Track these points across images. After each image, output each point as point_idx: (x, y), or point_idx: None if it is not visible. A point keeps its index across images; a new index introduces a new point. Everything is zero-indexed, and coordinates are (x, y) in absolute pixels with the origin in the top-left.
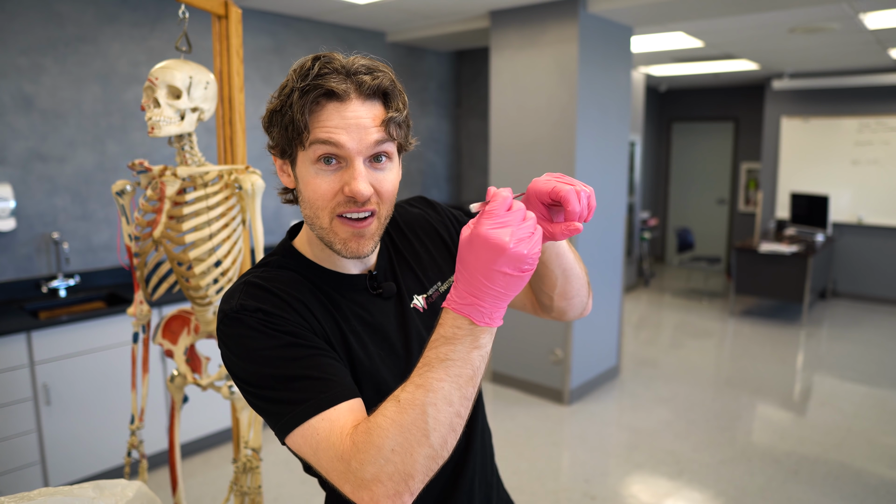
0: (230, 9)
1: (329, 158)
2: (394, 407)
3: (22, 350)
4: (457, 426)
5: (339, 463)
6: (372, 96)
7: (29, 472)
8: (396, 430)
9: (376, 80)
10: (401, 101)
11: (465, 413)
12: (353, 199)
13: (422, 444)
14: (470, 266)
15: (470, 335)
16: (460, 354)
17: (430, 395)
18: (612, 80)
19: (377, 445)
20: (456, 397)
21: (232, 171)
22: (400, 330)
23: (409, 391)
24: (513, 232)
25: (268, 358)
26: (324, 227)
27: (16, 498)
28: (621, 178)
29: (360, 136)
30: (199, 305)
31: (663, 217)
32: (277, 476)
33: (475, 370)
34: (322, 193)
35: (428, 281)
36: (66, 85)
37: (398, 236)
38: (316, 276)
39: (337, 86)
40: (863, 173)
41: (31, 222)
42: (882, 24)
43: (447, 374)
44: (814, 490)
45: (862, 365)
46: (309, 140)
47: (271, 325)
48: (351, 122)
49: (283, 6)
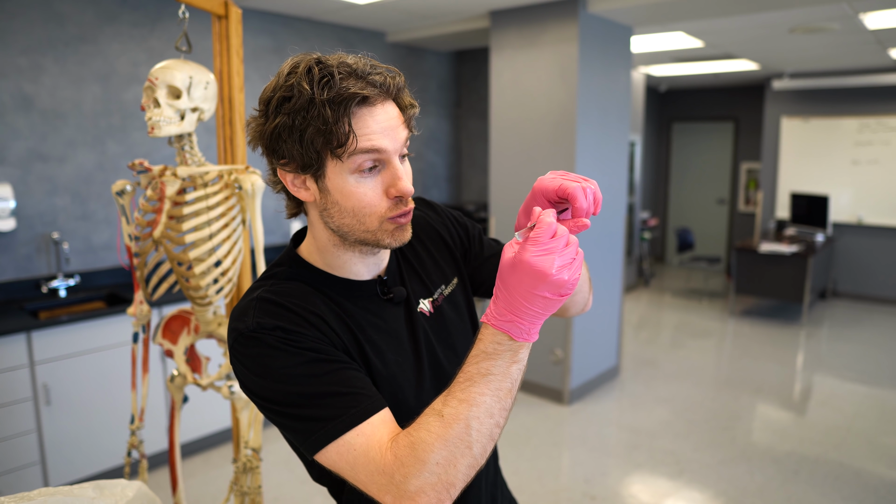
0: (230, 9)
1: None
2: (437, 422)
3: (22, 350)
4: (495, 435)
5: (380, 476)
6: (391, 95)
7: (29, 472)
8: (441, 444)
9: (394, 80)
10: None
11: (503, 422)
12: (401, 200)
13: (465, 455)
14: (511, 288)
15: (509, 350)
16: (501, 369)
17: (473, 409)
18: (612, 80)
19: (422, 460)
20: (496, 409)
21: (232, 171)
22: (410, 335)
23: (453, 406)
24: (556, 259)
25: (291, 376)
26: (370, 230)
27: (16, 498)
28: (621, 178)
29: (394, 136)
30: (199, 305)
31: (663, 217)
32: (277, 476)
33: (513, 382)
34: (369, 201)
35: (433, 284)
36: (66, 85)
37: None
38: (326, 286)
39: (365, 90)
40: (863, 173)
41: (31, 222)
42: (882, 24)
43: (489, 388)
44: (814, 490)
45: (862, 365)
46: (349, 151)
47: (292, 343)
48: (384, 124)
49: (283, 6)
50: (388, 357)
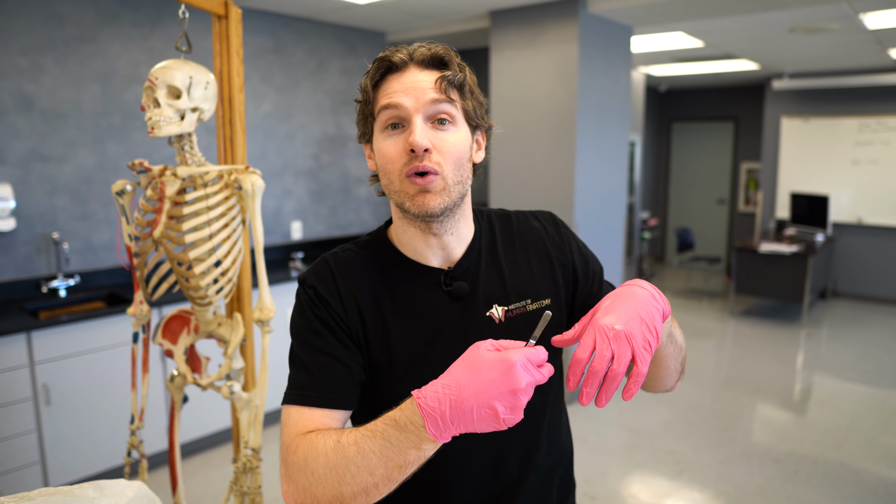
0: (230, 9)
1: (395, 124)
2: (333, 444)
3: (22, 350)
4: (372, 493)
5: (283, 450)
6: (429, 65)
7: (29, 472)
8: (322, 463)
9: (431, 50)
10: (458, 68)
11: (384, 488)
12: (413, 155)
13: (333, 485)
14: (473, 381)
15: (416, 436)
16: (400, 444)
17: (357, 457)
18: (612, 80)
19: (305, 460)
20: (379, 473)
21: (232, 171)
22: (460, 332)
23: (349, 442)
24: (529, 383)
25: (298, 333)
26: (396, 190)
27: (16, 498)
28: (621, 178)
29: (416, 95)
30: (199, 305)
31: (663, 217)
32: (277, 476)
33: (406, 463)
34: (390, 156)
35: (516, 294)
36: (66, 85)
37: (504, 242)
38: (392, 262)
39: (395, 57)
40: (863, 173)
41: (31, 222)
42: (882, 24)
43: (381, 452)
44: (814, 490)
45: (862, 365)
46: (376, 111)
47: (312, 306)
48: (409, 85)
49: (283, 6)
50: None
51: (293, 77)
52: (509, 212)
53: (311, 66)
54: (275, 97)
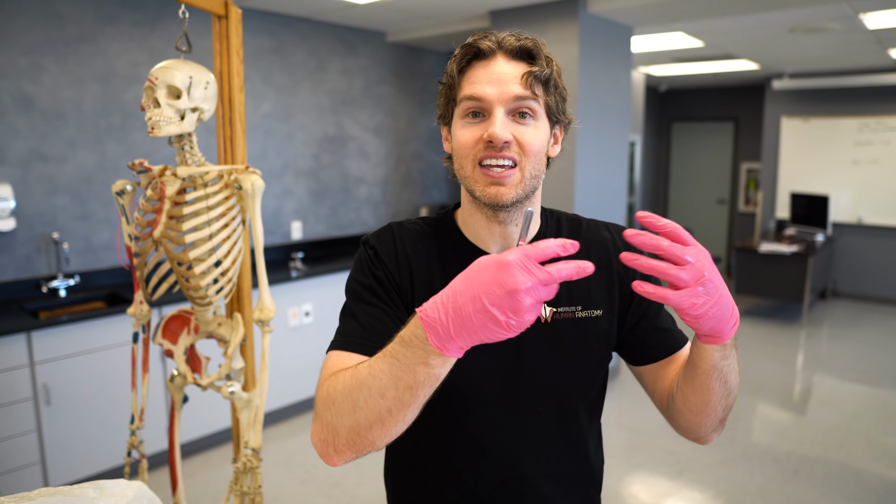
0: (230, 9)
1: (476, 112)
2: (352, 371)
3: (22, 350)
4: (387, 421)
5: (318, 388)
6: (517, 56)
7: (29, 472)
8: (340, 390)
9: (520, 42)
10: (546, 63)
11: (398, 414)
12: (491, 145)
13: (349, 415)
14: (467, 285)
15: (422, 350)
16: (407, 361)
17: (369, 379)
18: (612, 80)
19: (329, 393)
20: (390, 395)
21: (232, 171)
22: None
23: (364, 366)
24: (534, 283)
25: (352, 288)
26: (467, 176)
27: (16, 498)
28: (621, 178)
29: (500, 88)
30: (199, 305)
31: (663, 217)
32: (277, 476)
33: (417, 383)
34: (465, 142)
35: (567, 298)
36: (66, 85)
37: None
38: (452, 242)
39: (483, 44)
40: (863, 173)
41: (31, 222)
42: (882, 24)
43: (390, 370)
44: (814, 490)
45: (862, 365)
46: (459, 98)
47: (370, 264)
48: (494, 76)
49: (283, 6)
50: None
51: (293, 77)
52: (581, 217)
53: (311, 66)
54: (275, 97)
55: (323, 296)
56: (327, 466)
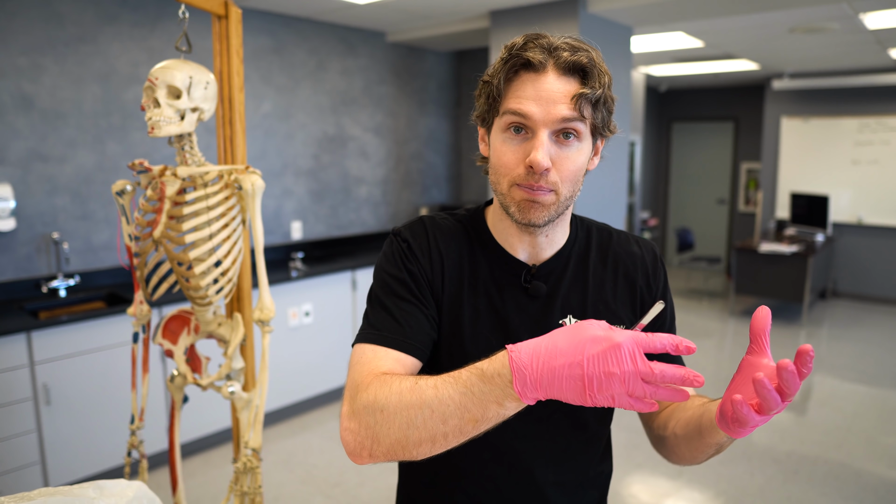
0: (230, 9)
1: (518, 128)
2: (411, 385)
3: (22, 350)
4: (438, 442)
5: (353, 387)
6: (569, 72)
7: (29, 472)
8: (395, 401)
9: (574, 56)
10: (599, 82)
11: (452, 439)
12: (531, 171)
13: (400, 429)
14: (572, 349)
15: (501, 391)
16: (482, 396)
17: (434, 401)
18: (612, 79)
19: (378, 399)
20: (452, 423)
21: (232, 171)
22: (526, 330)
23: (429, 385)
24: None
25: (383, 280)
26: (503, 193)
27: (16, 498)
28: (621, 178)
29: (548, 108)
30: (199, 305)
31: (663, 217)
32: (277, 476)
33: (484, 418)
34: (505, 162)
35: (593, 311)
36: (66, 85)
37: (597, 256)
38: (482, 243)
39: (534, 56)
40: (863, 173)
41: (31, 222)
42: (882, 24)
43: (460, 400)
44: (814, 490)
45: (862, 365)
46: (502, 109)
47: (403, 258)
48: (542, 94)
49: (283, 6)
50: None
51: (293, 77)
52: (612, 229)
53: (311, 66)
54: (275, 97)
55: (323, 296)
56: (327, 466)
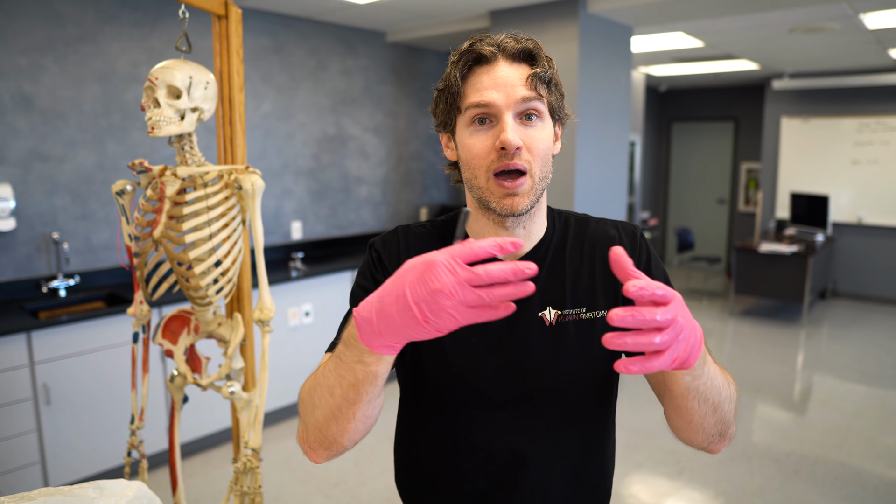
0: (230, 9)
1: (482, 119)
2: (314, 373)
3: (22, 350)
4: (339, 418)
5: None
6: (518, 58)
7: (29, 472)
8: (305, 390)
9: (520, 44)
10: (548, 63)
11: (347, 411)
12: (504, 152)
13: (311, 412)
14: (395, 282)
15: (357, 349)
16: (347, 359)
17: (321, 379)
18: (612, 80)
19: (301, 394)
20: (337, 392)
21: (232, 171)
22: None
23: (320, 367)
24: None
25: (354, 290)
26: (481, 188)
27: (16, 498)
28: (621, 178)
29: (507, 92)
30: (199, 305)
31: (663, 217)
32: (277, 476)
33: (357, 381)
34: (477, 152)
35: (572, 300)
36: (66, 85)
37: (573, 245)
38: None
39: (484, 49)
40: (863, 173)
41: (31, 222)
42: (882, 24)
43: (335, 369)
44: (814, 490)
45: (862, 365)
46: (464, 106)
47: (372, 269)
48: (499, 80)
49: (283, 6)
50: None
51: (293, 77)
52: (591, 217)
53: (311, 66)
54: (275, 97)
55: (323, 296)
56: (327, 466)
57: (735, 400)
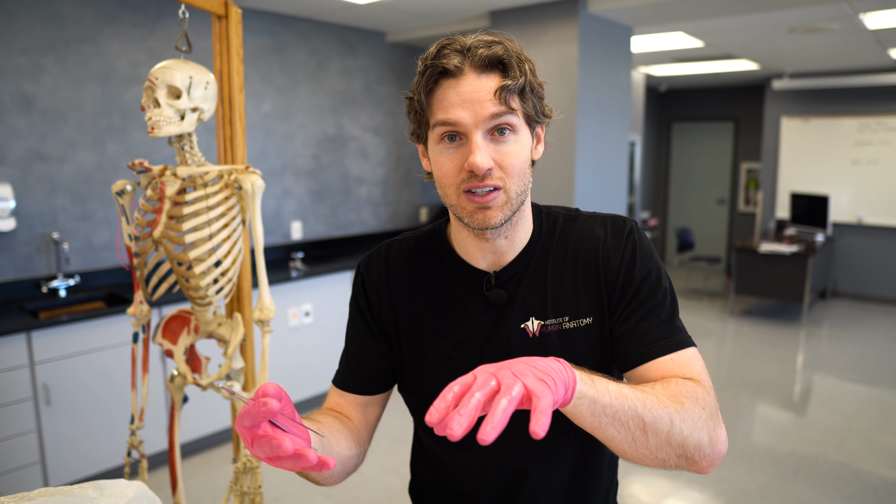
0: (230, 9)
1: (452, 136)
2: None
3: (22, 350)
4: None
5: None
6: (488, 68)
7: (29, 472)
8: None
9: (490, 51)
10: (519, 70)
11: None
12: (474, 175)
13: None
14: None
15: None
16: None
17: None
18: (612, 80)
19: None
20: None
21: (232, 171)
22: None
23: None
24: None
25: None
26: (452, 204)
27: (16, 498)
28: (621, 178)
29: (475, 109)
30: (199, 305)
31: (663, 217)
32: (277, 476)
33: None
34: (446, 171)
35: (554, 310)
36: (66, 85)
37: (557, 248)
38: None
39: (449, 63)
40: (863, 173)
41: (31, 222)
42: (882, 24)
43: None
44: (814, 490)
45: (862, 365)
46: (432, 122)
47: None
48: (466, 97)
49: (283, 6)
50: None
51: (293, 77)
52: (579, 214)
53: (311, 66)
54: (275, 97)
55: (323, 296)
56: None
57: (698, 419)
